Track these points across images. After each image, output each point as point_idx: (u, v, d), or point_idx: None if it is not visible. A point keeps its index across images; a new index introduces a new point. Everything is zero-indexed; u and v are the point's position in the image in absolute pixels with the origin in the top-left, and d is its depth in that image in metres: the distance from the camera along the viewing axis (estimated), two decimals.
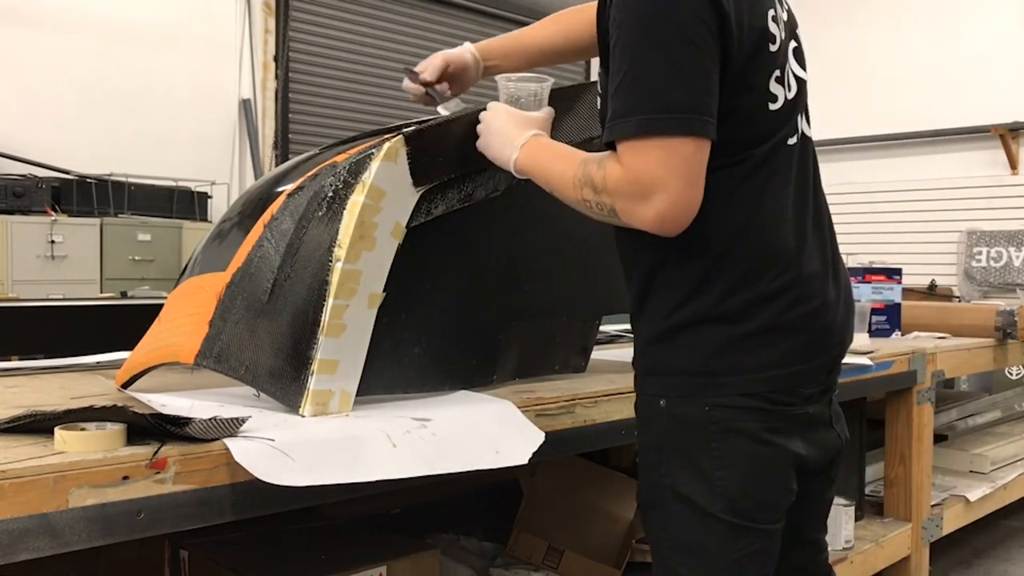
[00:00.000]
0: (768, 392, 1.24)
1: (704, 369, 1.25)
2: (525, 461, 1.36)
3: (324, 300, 1.34)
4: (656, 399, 1.28)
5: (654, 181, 1.15)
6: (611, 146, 1.20)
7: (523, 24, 1.74)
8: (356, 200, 1.36)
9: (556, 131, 1.60)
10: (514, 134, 1.39)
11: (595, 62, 8.68)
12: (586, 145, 1.65)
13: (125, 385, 1.52)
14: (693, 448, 1.25)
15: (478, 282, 1.59)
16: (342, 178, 1.37)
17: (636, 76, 1.16)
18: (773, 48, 1.24)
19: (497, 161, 1.42)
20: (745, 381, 1.24)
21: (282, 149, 6.06)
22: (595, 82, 1.44)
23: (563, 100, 1.62)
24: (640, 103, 1.15)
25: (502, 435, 1.41)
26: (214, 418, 1.15)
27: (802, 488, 1.33)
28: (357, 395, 1.40)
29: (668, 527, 1.29)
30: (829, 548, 2.35)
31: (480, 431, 1.40)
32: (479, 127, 1.46)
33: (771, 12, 1.25)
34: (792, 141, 1.29)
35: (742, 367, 1.24)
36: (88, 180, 4.81)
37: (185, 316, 1.45)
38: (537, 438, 1.42)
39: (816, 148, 1.38)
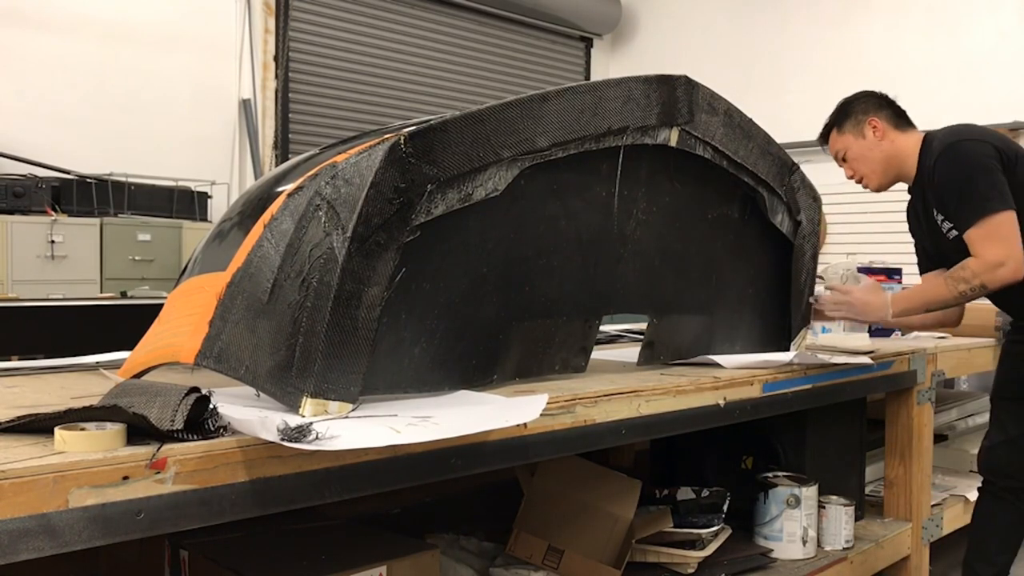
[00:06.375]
0: None
1: None
2: (537, 415, 1.43)
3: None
4: None
5: (999, 255, 2.15)
6: (959, 245, 2.24)
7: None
8: None
9: (556, 125, 1.60)
10: (877, 300, 2.32)
11: (594, 68, 8.61)
12: (579, 144, 1.65)
13: None
14: None
15: (478, 282, 1.59)
16: None
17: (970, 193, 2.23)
18: None
19: (873, 318, 2.37)
20: None
21: (282, 149, 6.06)
22: (583, 83, 1.51)
23: (563, 98, 1.62)
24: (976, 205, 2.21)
25: (507, 408, 1.45)
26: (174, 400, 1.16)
27: None
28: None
29: None
30: (828, 548, 2.39)
31: (483, 412, 1.42)
32: (837, 297, 2.35)
33: None
34: None
35: None
36: (88, 180, 4.82)
37: (185, 316, 1.45)
38: (541, 400, 1.48)
39: (815, 148, 1.40)
